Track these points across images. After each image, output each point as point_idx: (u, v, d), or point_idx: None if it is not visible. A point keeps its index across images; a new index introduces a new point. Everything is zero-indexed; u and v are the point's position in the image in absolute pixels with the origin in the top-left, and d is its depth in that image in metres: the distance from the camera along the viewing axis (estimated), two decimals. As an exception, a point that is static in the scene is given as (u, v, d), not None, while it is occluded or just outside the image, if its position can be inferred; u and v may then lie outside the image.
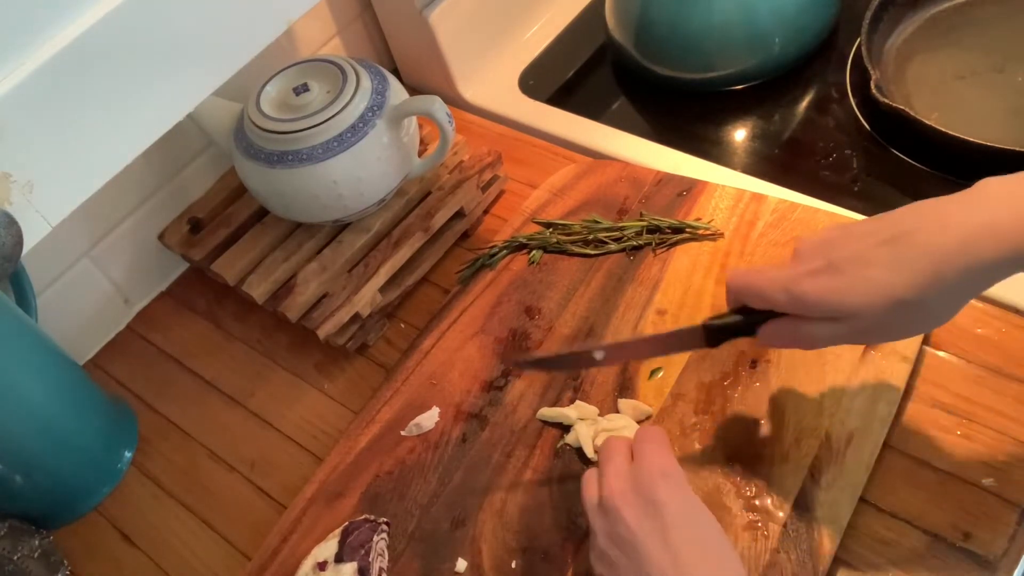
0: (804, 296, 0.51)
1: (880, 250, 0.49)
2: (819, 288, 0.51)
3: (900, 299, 0.49)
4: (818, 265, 0.51)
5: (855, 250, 0.50)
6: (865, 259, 0.50)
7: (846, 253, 0.50)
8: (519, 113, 0.96)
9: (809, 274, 0.51)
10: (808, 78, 0.92)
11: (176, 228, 0.88)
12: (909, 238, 0.48)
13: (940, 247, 0.47)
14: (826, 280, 0.51)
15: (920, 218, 0.49)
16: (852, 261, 0.50)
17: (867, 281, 0.49)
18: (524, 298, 0.77)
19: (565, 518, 0.63)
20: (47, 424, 0.73)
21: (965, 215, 0.48)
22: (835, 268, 0.50)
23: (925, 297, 0.48)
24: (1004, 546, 0.57)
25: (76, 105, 0.47)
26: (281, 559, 0.66)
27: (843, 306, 0.50)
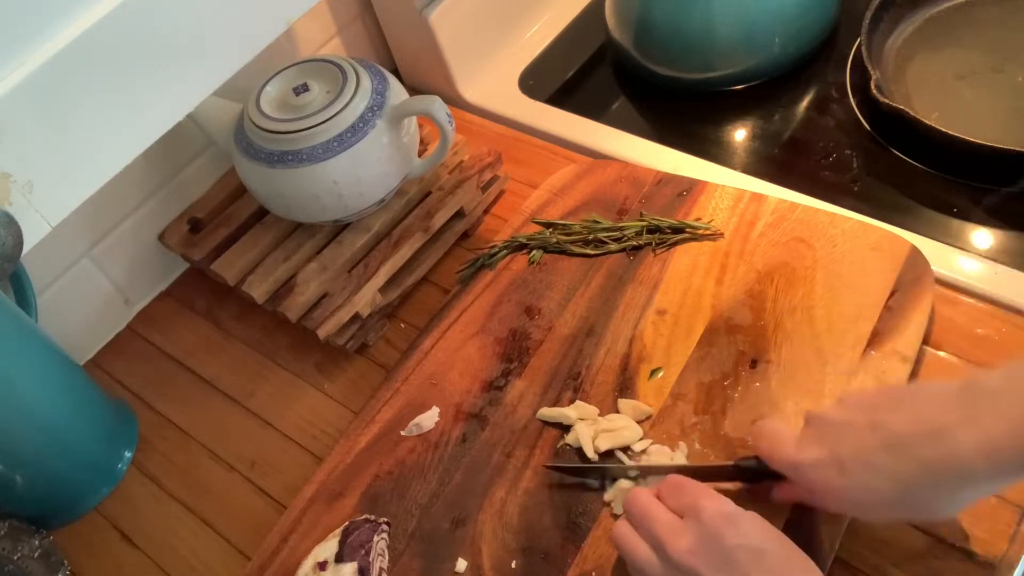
0: (808, 483, 0.54)
1: (879, 456, 0.50)
2: (824, 482, 0.53)
3: (895, 507, 0.51)
4: (823, 456, 0.53)
5: (856, 449, 0.51)
6: (866, 463, 0.51)
7: (849, 450, 0.52)
8: (519, 113, 0.96)
9: (814, 465, 0.53)
10: (808, 78, 0.92)
11: (176, 228, 0.88)
12: (908, 450, 0.49)
13: (936, 464, 0.48)
14: (831, 476, 0.52)
15: (919, 427, 0.50)
16: (855, 461, 0.51)
17: (865, 486, 0.51)
18: (524, 298, 0.77)
19: (565, 518, 0.63)
20: (47, 424, 0.73)
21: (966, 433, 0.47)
22: (839, 465, 0.52)
23: (920, 506, 0.51)
24: (1004, 546, 0.57)
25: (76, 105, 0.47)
26: (281, 559, 0.66)
27: (846, 504, 0.54)
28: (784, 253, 0.74)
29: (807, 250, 0.73)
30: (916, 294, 0.68)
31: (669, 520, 0.53)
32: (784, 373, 0.67)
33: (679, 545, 0.51)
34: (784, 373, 0.67)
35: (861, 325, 0.67)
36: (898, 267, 0.70)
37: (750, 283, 0.73)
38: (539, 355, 0.73)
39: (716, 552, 0.50)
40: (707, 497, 0.53)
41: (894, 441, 0.50)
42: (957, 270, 0.72)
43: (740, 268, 0.74)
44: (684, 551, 0.51)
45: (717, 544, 0.50)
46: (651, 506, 0.54)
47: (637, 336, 0.72)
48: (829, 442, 0.53)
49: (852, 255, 0.72)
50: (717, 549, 0.50)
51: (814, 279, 0.71)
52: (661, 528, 0.52)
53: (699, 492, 0.54)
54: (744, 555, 0.49)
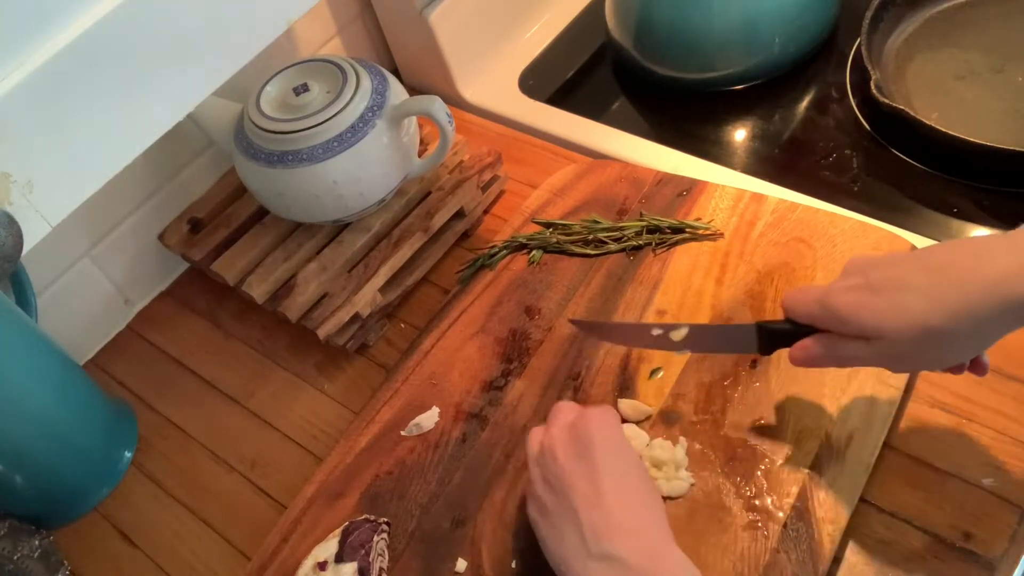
0: (836, 309, 0.53)
1: (917, 276, 0.50)
2: (852, 303, 0.52)
3: (929, 328, 0.49)
4: (856, 282, 0.52)
5: (894, 273, 0.51)
6: (901, 283, 0.50)
7: (885, 274, 0.51)
8: (519, 113, 0.96)
9: (845, 289, 0.52)
10: (808, 78, 0.92)
11: (176, 228, 0.88)
12: (946, 269, 0.49)
13: (975, 282, 0.48)
14: (861, 296, 0.52)
15: (961, 251, 0.50)
16: (888, 283, 0.51)
17: (899, 305, 0.50)
18: (524, 298, 0.77)
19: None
20: (47, 424, 0.73)
21: (1004, 253, 0.48)
22: (871, 287, 0.51)
23: (956, 328, 0.49)
24: (1004, 546, 0.57)
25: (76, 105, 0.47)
26: (281, 559, 0.66)
27: (873, 326, 0.51)
28: (784, 253, 0.74)
29: (807, 250, 0.73)
30: (916, 294, 0.68)
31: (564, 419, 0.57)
32: (784, 373, 0.66)
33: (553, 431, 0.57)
34: (784, 373, 0.66)
35: (861, 325, 0.67)
36: (898, 267, 0.70)
37: (750, 283, 0.73)
38: (539, 355, 0.73)
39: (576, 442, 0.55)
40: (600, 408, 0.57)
41: (934, 264, 0.50)
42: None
43: (740, 268, 0.74)
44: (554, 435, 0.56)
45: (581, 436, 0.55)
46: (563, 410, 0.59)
47: (637, 336, 0.72)
48: (866, 270, 0.52)
49: (852, 255, 0.71)
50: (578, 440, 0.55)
51: (814, 279, 0.71)
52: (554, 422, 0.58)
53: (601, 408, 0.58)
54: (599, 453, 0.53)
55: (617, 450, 0.55)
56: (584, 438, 0.55)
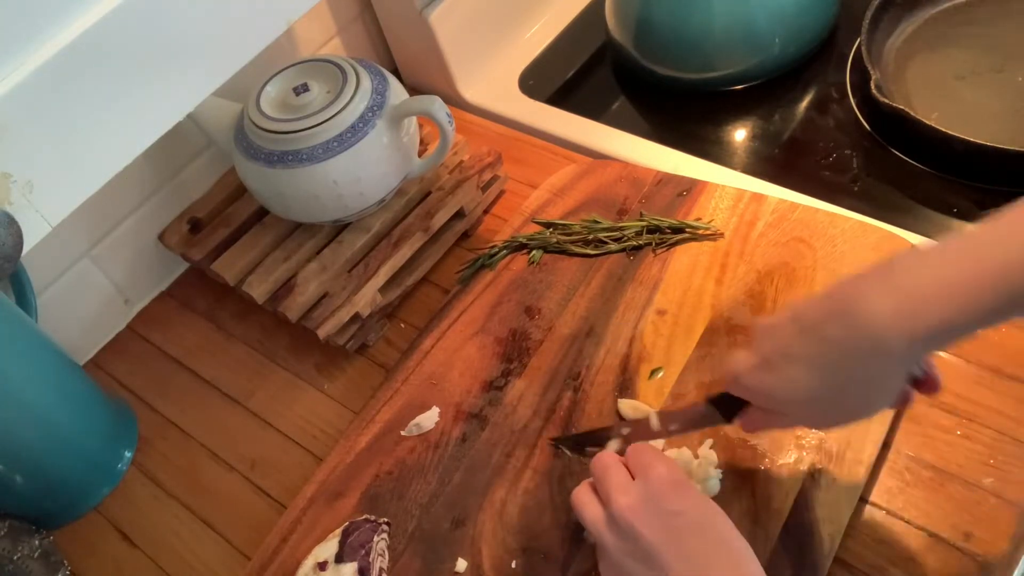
0: (747, 390, 0.54)
1: (796, 343, 0.49)
2: (755, 384, 0.52)
3: (819, 395, 0.49)
4: (755, 360, 0.52)
5: (780, 343, 0.50)
6: (786, 353, 0.50)
7: (773, 346, 0.51)
8: (519, 113, 0.96)
9: (749, 369, 0.53)
10: (808, 78, 0.92)
11: (176, 228, 0.88)
12: (819, 331, 0.48)
13: (851, 339, 0.46)
14: (760, 375, 0.52)
15: (830, 306, 0.48)
16: (777, 356, 0.51)
17: (788, 380, 0.50)
18: (524, 298, 0.77)
19: (565, 518, 0.63)
20: (47, 424, 0.73)
21: (878, 302, 0.45)
22: (766, 363, 0.51)
23: (844, 389, 0.49)
24: (1004, 546, 0.57)
25: (76, 105, 0.47)
26: (281, 559, 0.66)
27: (778, 403, 0.52)
28: (784, 253, 0.74)
29: (807, 250, 0.73)
30: (916, 294, 0.68)
31: (622, 479, 0.53)
32: (784, 373, 0.66)
33: (622, 501, 0.52)
34: (784, 373, 0.66)
35: (861, 325, 0.67)
36: (898, 267, 0.70)
37: (750, 283, 0.73)
38: (539, 355, 0.73)
39: (655, 513, 0.51)
40: (660, 461, 0.53)
41: (807, 325, 0.49)
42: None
43: (740, 268, 0.74)
44: (625, 506, 0.51)
45: (657, 505, 0.51)
46: (611, 465, 0.55)
47: (637, 336, 0.72)
48: (761, 344, 0.52)
49: (852, 255, 0.72)
50: (656, 510, 0.51)
51: (814, 279, 0.71)
52: (612, 485, 0.53)
53: (654, 457, 0.54)
54: (681, 522, 0.50)
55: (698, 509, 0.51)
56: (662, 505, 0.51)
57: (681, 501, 0.51)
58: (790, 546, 0.58)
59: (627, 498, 0.52)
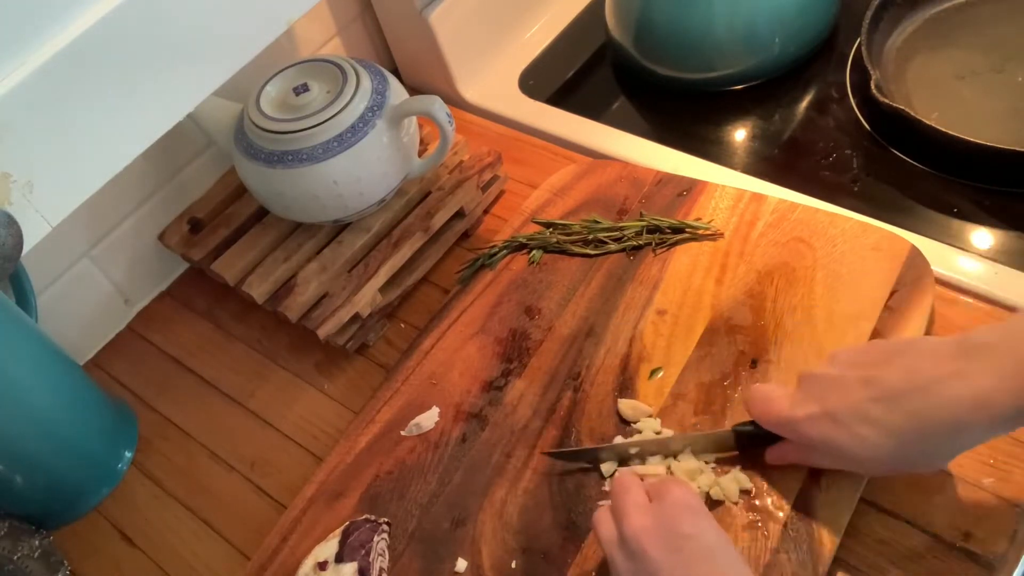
0: (807, 438, 0.56)
1: (871, 408, 0.52)
2: (819, 436, 0.54)
3: (889, 455, 0.52)
4: (816, 411, 0.54)
5: (849, 403, 0.53)
6: (859, 414, 0.52)
7: (842, 405, 0.53)
8: (519, 113, 0.96)
9: (808, 419, 0.55)
10: (808, 78, 0.92)
11: (176, 228, 0.88)
12: (899, 402, 0.51)
13: (927, 416, 0.50)
14: (825, 427, 0.54)
15: (911, 380, 0.51)
16: (847, 414, 0.53)
17: (859, 438, 0.52)
18: (524, 298, 0.77)
19: (565, 518, 0.63)
20: (47, 424, 0.73)
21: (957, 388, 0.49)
22: (832, 418, 0.53)
23: (916, 454, 0.52)
24: (1004, 546, 0.57)
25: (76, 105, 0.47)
26: (281, 559, 0.66)
27: (842, 454, 0.54)
28: (784, 253, 0.74)
29: (807, 250, 0.73)
30: (916, 294, 0.68)
31: (638, 501, 0.54)
32: (784, 373, 0.66)
33: (635, 522, 0.52)
34: (784, 373, 0.66)
35: (861, 325, 0.67)
36: (898, 267, 0.70)
37: (750, 283, 0.73)
38: (539, 355, 0.73)
39: (667, 536, 0.51)
40: (677, 486, 0.54)
41: (886, 394, 0.51)
42: (957, 270, 0.72)
43: (740, 268, 0.74)
44: (638, 527, 0.52)
45: (670, 528, 0.51)
46: (628, 486, 0.55)
47: (637, 336, 0.72)
48: (821, 397, 0.54)
49: (852, 255, 0.72)
50: (668, 533, 0.51)
51: (814, 279, 0.71)
52: (628, 505, 0.54)
53: (673, 481, 0.55)
54: (692, 546, 0.50)
55: (709, 537, 0.52)
56: (674, 528, 0.51)
57: (693, 526, 0.51)
58: (790, 546, 0.58)
59: (641, 519, 0.52)
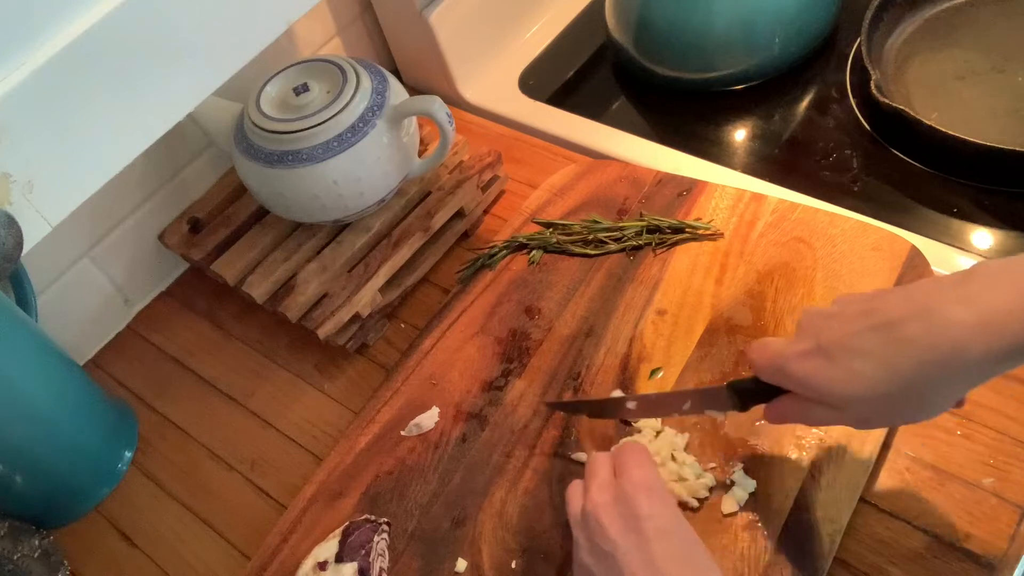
0: (794, 377, 0.51)
1: (867, 337, 0.48)
2: (807, 371, 0.50)
3: (885, 394, 0.48)
4: (809, 346, 0.50)
5: (844, 334, 0.49)
6: (852, 347, 0.48)
7: (835, 336, 0.49)
8: (519, 113, 0.96)
9: (799, 355, 0.51)
10: (808, 78, 0.92)
11: (176, 228, 0.88)
12: (898, 329, 0.47)
13: (928, 344, 0.46)
14: (814, 363, 0.50)
15: (910, 307, 0.47)
16: (840, 347, 0.49)
17: (852, 373, 0.48)
18: (524, 298, 0.77)
19: (565, 518, 0.63)
20: (47, 424, 0.73)
21: (958, 310, 0.45)
22: (824, 352, 0.50)
23: (911, 392, 0.48)
24: (1004, 546, 0.57)
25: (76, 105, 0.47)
26: (281, 559, 0.66)
27: (831, 394, 0.50)
28: (784, 253, 0.74)
29: (807, 250, 0.73)
30: (916, 294, 0.68)
31: (603, 477, 0.54)
32: (784, 373, 0.66)
33: (596, 498, 0.53)
34: (784, 373, 0.66)
35: (861, 325, 0.67)
36: (898, 267, 0.70)
37: (750, 283, 0.73)
38: (539, 355, 0.73)
39: (624, 514, 0.51)
40: (639, 464, 0.54)
41: (884, 321, 0.48)
42: (957, 270, 0.72)
43: (740, 268, 0.74)
44: (598, 503, 0.52)
45: (628, 507, 0.51)
46: (598, 465, 0.55)
47: (637, 336, 0.72)
48: (817, 331, 0.51)
49: (852, 255, 0.72)
50: (626, 511, 0.51)
51: (814, 279, 0.71)
52: (593, 481, 0.54)
53: (636, 458, 0.54)
54: (649, 526, 0.50)
55: (667, 517, 0.51)
56: (632, 507, 0.51)
57: (651, 505, 0.51)
58: (790, 546, 0.58)
59: (602, 496, 0.53)
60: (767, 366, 0.53)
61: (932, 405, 0.49)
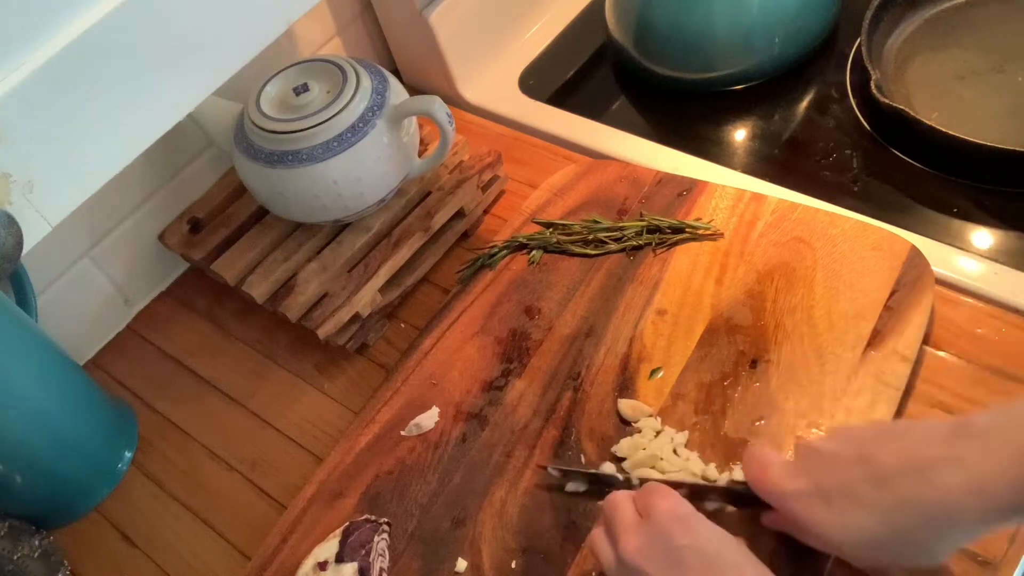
0: (792, 516, 0.53)
1: (863, 489, 0.49)
2: (808, 515, 0.52)
3: (880, 544, 0.49)
4: (807, 487, 0.52)
5: (842, 482, 0.50)
6: (849, 494, 0.50)
7: (834, 482, 0.51)
8: (519, 113, 0.96)
9: (798, 495, 0.52)
10: (808, 78, 0.92)
11: (176, 228, 0.88)
12: (891, 486, 0.48)
13: (923, 507, 0.47)
14: (812, 506, 0.51)
15: (902, 462, 0.48)
16: (838, 493, 0.50)
17: (849, 523, 0.50)
18: (524, 298, 0.77)
19: (565, 518, 0.63)
20: (47, 424, 0.73)
21: (952, 476, 0.46)
22: (823, 496, 0.51)
23: (904, 547, 0.49)
24: (1004, 546, 0.57)
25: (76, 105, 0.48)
26: (281, 559, 0.66)
27: (829, 540, 0.51)
28: (784, 253, 0.74)
29: (807, 250, 0.73)
30: (916, 294, 0.68)
31: (629, 520, 0.53)
32: (784, 373, 0.67)
33: (629, 543, 0.51)
34: (784, 373, 0.67)
35: (861, 325, 0.67)
36: (898, 267, 0.70)
37: (750, 283, 0.73)
38: (539, 355, 0.73)
39: (663, 551, 0.50)
40: (662, 497, 0.53)
41: (879, 475, 0.49)
42: (957, 270, 0.72)
43: (740, 268, 0.74)
44: (632, 549, 0.51)
45: (665, 543, 0.50)
46: (618, 506, 0.54)
47: (637, 336, 0.72)
48: (815, 473, 0.52)
49: (852, 255, 0.72)
50: (664, 548, 0.50)
51: (814, 279, 0.71)
52: (619, 527, 0.53)
53: (659, 494, 0.53)
54: (692, 556, 0.49)
55: (704, 540, 0.50)
56: (668, 542, 0.50)
57: (687, 535, 0.50)
58: (790, 546, 0.58)
59: (634, 539, 0.51)
60: (766, 493, 0.55)
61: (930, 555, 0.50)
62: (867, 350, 0.66)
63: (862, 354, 0.66)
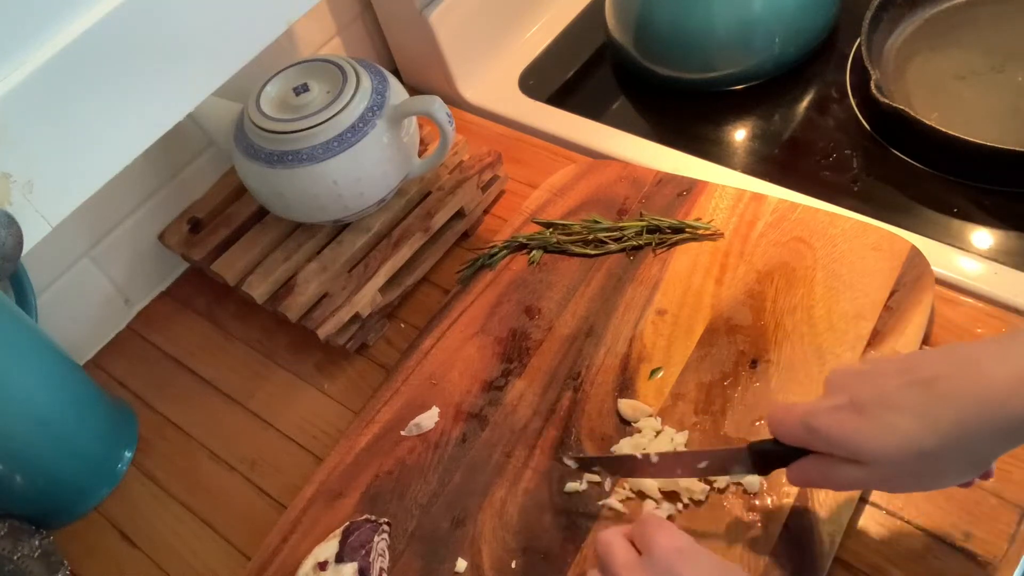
0: (821, 431, 0.49)
1: (905, 393, 0.47)
2: (837, 425, 0.49)
3: (923, 451, 0.46)
4: (840, 401, 0.49)
5: (880, 390, 0.48)
6: (889, 402, 0.47)
7: (870, 392, 0.48)
8: (519, 113, 0.96)
9: (829, 410, 0.49)
10: (808, 78, 0.92)
11: (176, 228, 0.88)
12: (937, 384, 0.46)
13: (968, 398, 0.45)
14: (846, 417, 0.48)
15: (952, 364, 0.46)
16: (875, 402, 0.47)
17: (887, 427, 0.47)
18: (524, 298, 0.77)
19: (565, 518, 0.63)
20: (47, 424, 0.73)
21: (996, 365, 0.45)
22: (857, 407, 0.48)
23: (950, 451, 0.46)
24: (1004, 546, 0.57)
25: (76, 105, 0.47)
26: (281, 559, 0.66)
27: (861, 449, 0.48)
28: (784, 253, 0.74)
29: (807, 250, 0.73)
30: (916, 294, 0.68)
31: (626, 559, 0.50)
32: (784, 373, 0.67)
33: None
34: (784, 373, 0.67)
35: (861, 325, 0.67)
36: (898, 267, 0.70)
37: (750, 283, 0.73)
38: (539, 355, 0.73)
39: None
40: (661, 532, 0.50)
41: (922, 378, 0.46)
42: (957, 270, 0.72)
43: (740, 268, 0.74)
44: None
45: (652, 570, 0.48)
46: (612, 545, 0.51)
47: (637, 336, 0.72)
48: (849, 388, 0.49)
49: (852, 255, 0.72)
50: None
51: (814, 279, 0.71)
52: (619, 567, 0.50)
53: (655, 527, 0.51)
54: None
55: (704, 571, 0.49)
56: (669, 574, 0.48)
57: (689, 568, 0.48)
58: (790, 546, 0.58)
59: (625, 571, 0.50)
60: (793, 424, 0.51)
61: (965, 465, 0.48)
62: (867, 350, 0.66)
63: (862, 354, 0.66)
